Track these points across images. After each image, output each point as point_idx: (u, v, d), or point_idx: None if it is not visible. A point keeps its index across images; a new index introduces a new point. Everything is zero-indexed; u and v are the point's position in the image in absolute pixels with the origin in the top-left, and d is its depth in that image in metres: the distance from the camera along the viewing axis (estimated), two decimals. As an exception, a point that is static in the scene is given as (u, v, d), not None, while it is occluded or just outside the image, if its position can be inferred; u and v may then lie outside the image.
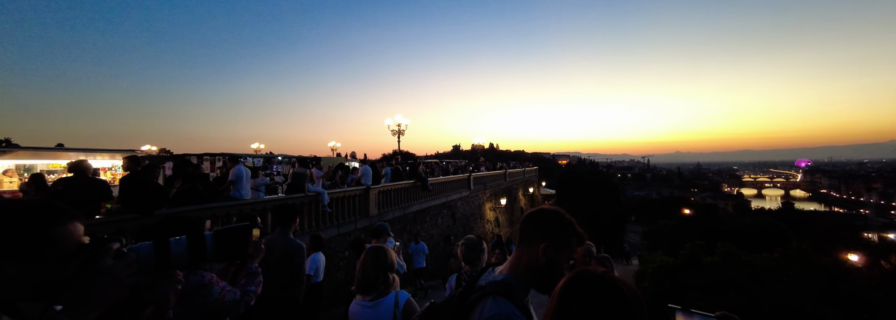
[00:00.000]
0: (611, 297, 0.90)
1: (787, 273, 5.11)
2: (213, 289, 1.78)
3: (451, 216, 14.48)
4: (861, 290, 4.44)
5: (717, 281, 5.38)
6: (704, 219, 22.55)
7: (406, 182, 10.97)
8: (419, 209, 11.75)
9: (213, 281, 1.81)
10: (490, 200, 20.12)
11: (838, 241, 26.85)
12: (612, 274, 0.97)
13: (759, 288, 4.75)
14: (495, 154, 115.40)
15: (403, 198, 10.78)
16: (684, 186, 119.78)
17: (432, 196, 12.66)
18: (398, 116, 15.06)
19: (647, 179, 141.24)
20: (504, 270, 1.26)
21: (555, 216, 1.23)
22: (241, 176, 5.69)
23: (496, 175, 22.32)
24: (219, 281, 1.85)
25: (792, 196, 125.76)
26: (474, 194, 17.52)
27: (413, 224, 11.40)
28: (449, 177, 14.92)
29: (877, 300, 4.21)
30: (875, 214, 72.09)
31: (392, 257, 2.22)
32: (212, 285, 1.79)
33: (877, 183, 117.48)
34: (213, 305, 1.77)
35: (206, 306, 1.76)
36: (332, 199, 7.65)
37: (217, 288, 1.80)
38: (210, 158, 9.28)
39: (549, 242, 1.17)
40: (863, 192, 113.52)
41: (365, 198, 8.77)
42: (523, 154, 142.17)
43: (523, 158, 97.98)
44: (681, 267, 6.43)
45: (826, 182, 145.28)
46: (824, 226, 33.34)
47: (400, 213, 10.50)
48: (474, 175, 17.31)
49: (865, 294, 4.36)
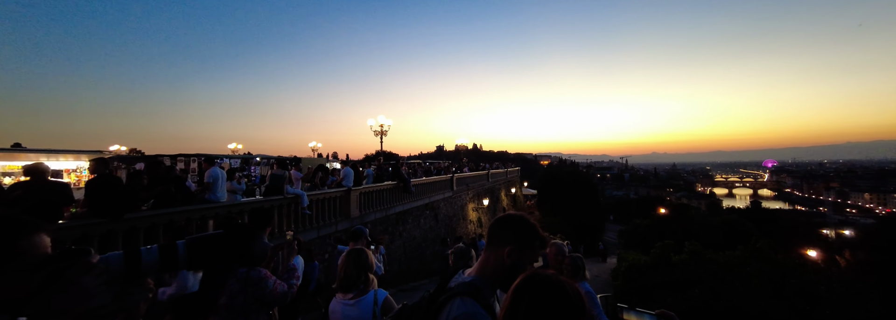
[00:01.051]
0: (555, 296, 1.00)
1: (745, 269, 5.45)
2: (268, 282, 2.25)
3: (433, 217, 14.54)
4: (807, 284, 4.81)
5: (684, 278, 5.67)
6: (678, 218, 23.42)
7: (388, 183, 10.96)
8: (402, 210, 11.76)
9: (268, 275, 2.28)
10: (473, 201, 20.29)
11: (799, 238, 28.37)
12: (559, 276, 1.07)
13: (720, 285, 5.05)
14: (479, 154, 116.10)
15: (386, 200, 10.77)
16: (661, 186, 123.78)
17: (415, 197, 12.68)
18: (381, 117, 15.02)
19: (626, 179, 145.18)
20: (472, 272, 1.36)
21: (519, 221, 1.32)
22: (216, 178, 5.58)
23: (479, 176, 22.52)
24: (270, 275, 2.31)
25: (760, 195, 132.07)
26: (457, 195, 17.63)
27: (395, 225, 11.40)
28: (432, 178, 14.97)
29: (820, 293, 4.57)
30: (832, 212, 76.78)
31: (371, 259, 2.41)
32: (267, 278, 2.26)
33: (834, 182, 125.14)
34: (268, 296, 2.23)
35: (264, 296, 2.22)
36: (312, 201, 7.58)
37: (271, 281, 2.27)
38: (184, 159, 9.02)
39: (513, 245, 1.26)
40: (822, 191, 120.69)
41: (346, 199, 8.72)
42: (506, 154, 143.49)
43: (506, 159, 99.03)
44: (651, 265, 6.73)
45: (790, 181, 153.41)
46: (787, 224, 35.19)
47: (382, 215, 10.49)
48: (457, 176, 17.43)
49: (810, 288, 4.73)
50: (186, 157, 9.15)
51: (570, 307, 0.99)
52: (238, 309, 2.15)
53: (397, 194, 11.44)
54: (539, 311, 0.99)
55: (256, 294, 2.20)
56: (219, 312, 2.10)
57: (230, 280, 2.16)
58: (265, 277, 2.25)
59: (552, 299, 1.00)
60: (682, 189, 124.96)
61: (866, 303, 4.36)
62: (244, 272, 2.22)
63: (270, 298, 2.25)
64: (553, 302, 0.99)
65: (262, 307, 2.24)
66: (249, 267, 2.22)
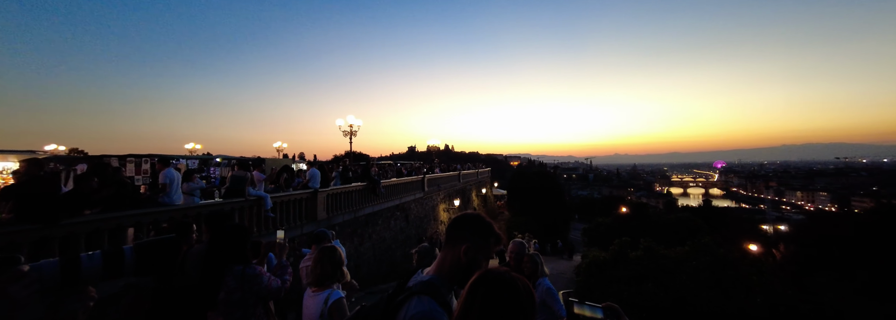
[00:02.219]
0: (507, 291, 1.08)
1: (692, 264, 5.93)
2: (263, 278, 2.44)
3: (404, 218, 14.48)
4: (743, 275, 5.33)
5: (639, 273, 6.05)
6: (637, 216, 24.75)
7: (357, 184, 10.80)
8: (371, 212, 11.63)
9: (262, 272, 2.48)
10: (444, 201, 20.39)
11: (743, 233, 30.83)
12: (511, 273, 1.15)
13: (670, 278, 5.45)
14: (450, 155, 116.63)
15: (355, 201, 10.62)
16: (622, 186, 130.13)
17: (385, 198, 12.58)
18: (350, 117, 14.77)
19: (590, 180, 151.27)
20: (430, 271, 1.40)
21: (475, 220, 1.38)
22: (172, 179, 5.27)
23: (450, 176, 22.67)
24: (265, 272, 2.51)
25: (711, 194, 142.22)
26: (428, 196, 17.65)
27: (364, 227, 11.25)
28: (403, 179, 14.91)
29: (753, 282, 5.08)
30: (771, 209, 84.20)
31: (342, 255, 2.68)
32: (262, 275, 2.45)
33: (773, 182, 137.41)
34: (264, 291, 2.42)
35: (260, 291, 2.41)
36: (277, 203, 7.34)
37: (265, 277, 2.46)
38: (135, 160, 8.42)
39: (469, 243, 1.32)
40: (763, 190, 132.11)
41: (313, 201, 8.52)
42: (477, 155, 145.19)
43: (477, 160, 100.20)
44: (610, 261, 7.12)
45: (736, 181, 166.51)
46: (733, 221, 38.08)
47: (351, 217, 10.33)
48: (428, 177, 17.46)
49: (746, 278, 5.24)
50: (137, 158, 8.54)
51: (520, 300, 1.07)
52: (236, 303, 2.37)
53: (367, 195, 11.31)
54: (492, 305, 1.07)
55: (253, 289, 2.38)
56: (218, 307, 2.33)
57: (228, 277, 2.36)
58: (260, 274, 2.44)
59: (504, 294, 1.07)
60: (642, 189, 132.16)
61: (788, 290, 4.90)
62: (240, 269, 2.41)
63: (266, 293, 2.44)
64: (505, 296, 1.07)
65: (258, 301, 2.45)
66: (245, 264, 2.44)
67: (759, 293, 4.79)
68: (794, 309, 3.97)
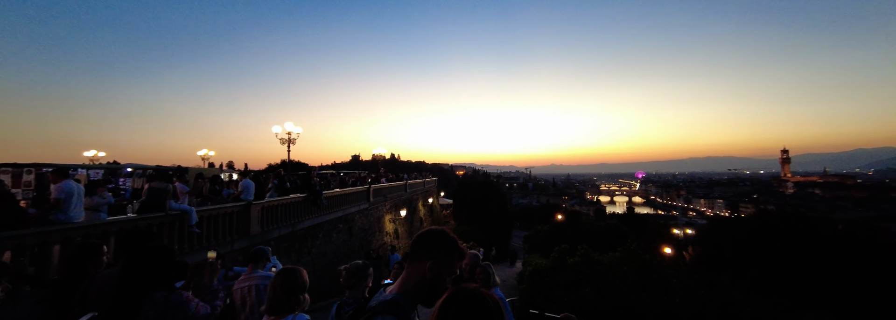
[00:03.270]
0: (478, 310, 1.10)
1: (622, 269, 6.52)
2: (190, 305, 2.17)
3: (347, 230, 13.88)
4: (664, 278, 6.01)
5: (577, 279, 6.48)
6: (572, 223, 26.56)
7: (296, 196, 10.15)
8: (311, 225, 10.97)
9: (190, 298, 2.21)
10: (390, 212, 19.95)
11: (660, 238, 34.73)
12: (481, 290, 1.17)
13: (604, 283, 5.92)
14: (397, 165, 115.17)
15: (293, 214, 9.94)
16: (558, 194, 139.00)
17: (327, 210, 11.97)
18: (288, 124, 13.94)
19: (530, 189, 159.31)
20: (393, 289, 1.37)
21: (440, 236, 1.38)
22: (70, 193, 4.47)
23: (397, 186, 22.33)
24: (192, 298, 2.23)
25: (633, 202, 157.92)
26: (374, 206, 17.16)
27: (303, 241, 10.56)
28: (346, 190, 14.34)
29: (672, 284, 5.76)
30: (681, 215, 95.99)
31: (304, 277, 2.30)
32: (188, 301, 2.17)
33: (682, 190, 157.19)
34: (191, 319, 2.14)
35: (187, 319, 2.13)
36: (203, 218, 6.60)
37: (193, 304, 2.19)
38: (13, 170, 7.01)
39: (434, 260, 1.31)
40: (675, 198, 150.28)
41: (245, 215, 7.81)
42: (424, 165, 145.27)
43: (424, 169, 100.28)
44: (550, 268, 7.53)
45: (654, 190, 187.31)
46: (651, 227, 42.64)
47: (288, 230, 9.63)
48: (374, 186, 17.01)
49: (666, 280, 5.92)
50: (17, 168, 7.11)
51: (491, 317, 1.10)
52: None
53: (307, 207, 10.67)
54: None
55: (178, 317, 2.08)
56: None
57: (146, 306, 2.03)
58: (186, 301, 2.16)
59: (476, 311, 1.10)
60: (576, 197, 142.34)
61: (700, 289, 5.62)
62: (162, 296, 2.09)
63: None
64: (477, 314, 1.10)
65: None
66: (168, 290, 2.13)
67: (678, 293, 5.43)
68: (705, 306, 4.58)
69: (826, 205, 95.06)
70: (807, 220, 17.65)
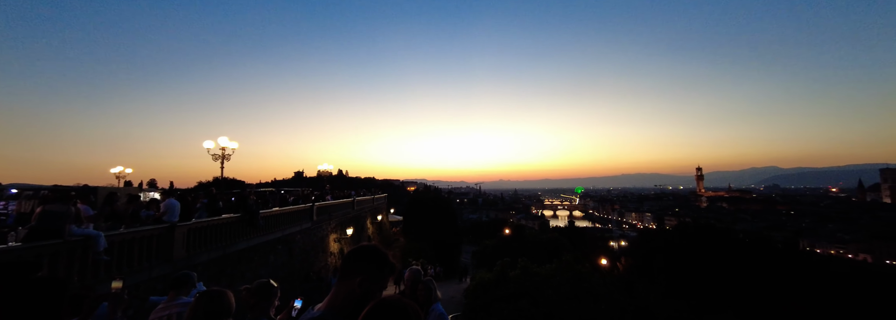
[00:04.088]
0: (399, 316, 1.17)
1: (557, 279, 6.98)
2: None
3: (287, 252, 13.04)
4: (593, 286, 6.56)
5: (516, 291, 6.78)
6: (517, 237, 27.51)
7: (230, 216, 9.43)
8: (246, 247, 10.19)
9: None
10: (335, 231, 19.13)
11: (598, 249, 37.14)
12: (403, 300, 1.27)
13: (540, 294, 6.28)
14: (345, 181, 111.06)
15: (225, 236, 9.19)
16: (506, 209, 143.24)
17: (265, 230, 11.22)
18: (223, 139, 13.03)
19: (479, 204, 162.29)
20: (321, 307, 1.39)
21: (370, 252, 1.42)
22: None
23: (343, 203, 21.57)
24: None
25: (574, 216, 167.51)
26: (317, 225, 16.37)
27: (236, 265, 9.75)
28: (287, 208, 13.58)
29: (600, 292, 6.31)
30: (615, 227, 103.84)
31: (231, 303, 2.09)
32: None
33: (616, 205, 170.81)
34: None
35: None
36: (115, 243, 5.89)
37: None
38: None
39: (364, 275, 1.33)
40: (610, 212, 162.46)
41: (168, 238, 7.09)
42: (374, 181, 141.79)
43: (373, 185, 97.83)
44: (493, 282, 7.77)
45: (592, 204, 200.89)
46: (589, 239, 45.51)
47: (219, 254, 8.86)
48: (318, 204, 16.30)
49: (595, 288, 6.46)
50: None
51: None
52: None
53: (242, 228, 9.93)
54: None
55: None
56: None
57: None
58: None
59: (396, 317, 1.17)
60: (522, 211, 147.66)
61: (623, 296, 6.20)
62: None
63: None
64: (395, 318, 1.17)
65: None
66: None
67: (604, 300, 5.93)
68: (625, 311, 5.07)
69: (731, 216, 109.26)
70: (716, 231, 20.15)
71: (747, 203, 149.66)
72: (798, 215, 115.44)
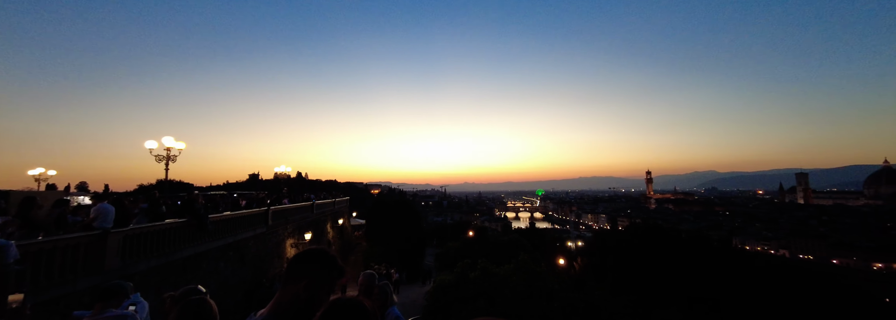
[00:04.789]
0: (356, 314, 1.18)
1: (513, 279, 7.21)
2: None
3: (239, 259, 12.31)
4: (547, 285, 6.85)
5: (476, 292, 6.90)
6: (480, 239, 27.90)
7: (174, 221, 8.76)
8: (194, 254, 9.51)
9: None
10: (292, 236, 18.34)
11: (556, 250, 38.64)
12: (359, 298, 1.26)
13: (498, 294, 6.45)
14: (304, 184, 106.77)
15: (169, 242, 8.52)
16: (471, 211, 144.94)
17: (215, 236, 10.53)
18: (168, 139, 12.08)
19: (445, 207, 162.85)
20: (264, 313, 1.35)
21: (318, 255, 1.37)
22: None
23: (302, 207, 20.74)
24: None
25: (535, 217, 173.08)
26: (273, 230, 15.61)
27: (182, 273, 9.06)
28: (239, 212, 12.84)
29: (553, 291, 6.60)
30: (573, 228, 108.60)
31: (215, 310, 1.94)
32: None
33: (574, 206, 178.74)
34: None
35: None
36: (31, 253, 5.27)
37: None
38: None
39: (310, 279, 1.30)
40: (568, 213, 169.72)
41: (99, 246, 6.45)
42: (335, 184, 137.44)
43: (335, 188, 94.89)
44: (453, 283, 7.86)
45: (552, 206, 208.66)
46: (548, 240, 47.17)
47: (161, 262, 8.19)
48: (274, 208, 15.56)
49: (549, 287, 6.76)
50: None
51: None
52: None
53: (188, 234, 9.26)
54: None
55: None
56: None
57: None
58: None
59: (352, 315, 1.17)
60: (486, 213, 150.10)
61: (575, 294, 6.53)
62: None
63: None
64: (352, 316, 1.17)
65: None
66: None
67: (556, 298, 6.21)
68: (576, 308, 5.35)
69: (676, 217, 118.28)
70: (663, 231, 21.71)
71: (690, 205, 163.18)
72: (732, 215, 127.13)
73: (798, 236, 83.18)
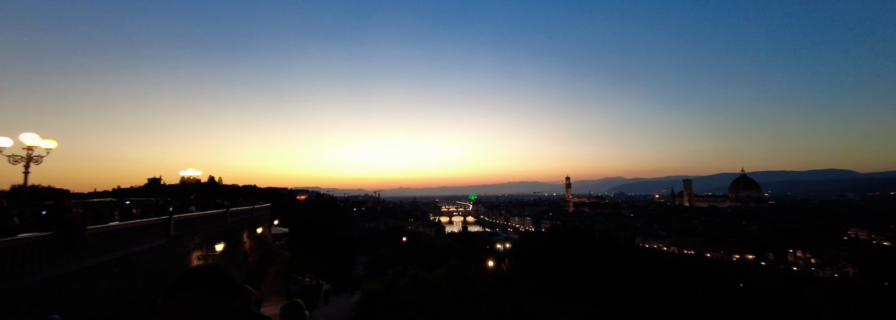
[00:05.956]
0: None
1: (444, 285, 7.25)
2: None
3: (129, 276, 10.45)
4: (475, 288, 7.04)
5: (406, 299, 6.78)
6: (413, 245, 27.74)
7: (31, 235, 7.11)
8: (60, 274, 7.80)
9: None
10: (201, 247, 16.21)
11: (486, 252, 40.07)
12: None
13: (428, 301, 6.42)
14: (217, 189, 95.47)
15: (21, 261, 6.87)
16: (405, 217, 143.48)
17: (94, 251, 8.79)
18: (28, 135, 9.79)
19: (378, 212, 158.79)
20: None
21: (202, 276, 1.17)
22: None
23: (213, 215, 18.48)
24: None
25: (468, 221, 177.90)
26: (177, 242, 13.63)
27: (41, 299, 7.36)
28: (131, 223, 10.95)
29: (482, 293, 6.81)
30: (502, 231, 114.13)
31: None
32: None
33: (503, 210, 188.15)
34: None
35: None
36: None
37: None
38: None
39: (194, 304, 1.09)
40: (498, 216, 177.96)
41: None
42: (255, 189, 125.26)
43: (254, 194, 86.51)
44: (383, 292, 7.62)
45: (484, 210, 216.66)
46: (480, 243, 48.75)
47: (8, 287, 6.56)
48: (177, 217, 13.60)
49: (478, 290, 6.95)
50: None
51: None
52: None
53: (52, 250, 7.59)
54: None
55: None
56: None
57: None
58: None
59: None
60: (420, 219, 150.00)
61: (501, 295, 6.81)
62: None
63: None
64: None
65: None
66: None
67: (484, 302, 6.39)
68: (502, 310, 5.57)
69: (590, 219, 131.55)
70: (579, 232, 23.83)
71: (602, 207, 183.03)
72: (636, 217, 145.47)
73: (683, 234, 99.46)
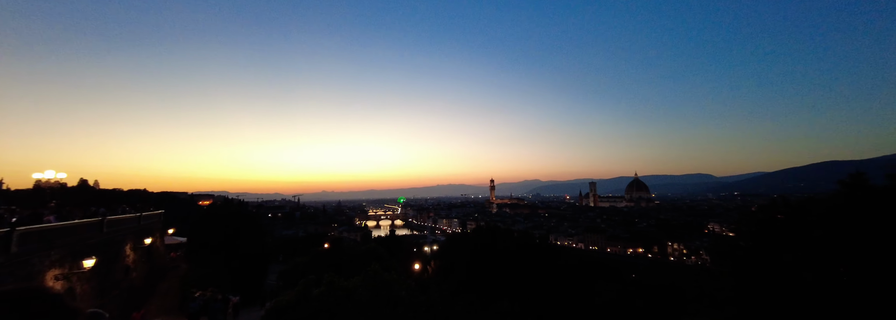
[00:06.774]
0: None
1: (360, 291, 7.04)
2: None
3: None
4: (393, 292, 6.99)
5: (319, 309, 6.39)
6: (336, 251, 26.37)
7: None
8: None
9: None
10: (60, 265, 13.19)
11: (413, 255, 39.99)
12: None
13: (342, 309, 6.14)
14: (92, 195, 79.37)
15: None
16: (328, 222, 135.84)
17: None
18: None
19: (297, 218, 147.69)
20: None
21: None
22: None
23: (82, 225, 15.26)
24: None
25: (396, 224, 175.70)
26: (21, 260, 10.90)
27: None
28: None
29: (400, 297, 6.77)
30: (429, 233, 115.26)
31: None
32: None
33: (431, 212, 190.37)
34: None
35: None
36: None
37: None
38: None
39: None
40: (426, 219, 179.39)
41: None
42: (145, 194, 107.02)
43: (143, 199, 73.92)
44: (293, 303, 7.08)
45: (412, 213, 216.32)
46: (407, 246, 48.49)
47: None
48: (22, 229, 10.91)
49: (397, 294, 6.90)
50: None
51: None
52: None
53: None
54: None
55: None
56: None
57: None
58: None
59: None
60: (345, 223, 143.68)
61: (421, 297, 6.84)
62: None
63: None
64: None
65: None
66: None
67: (402, 305, 6.35)
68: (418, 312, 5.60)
69: (511, 219, 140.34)
70: (501, 232, 25.05)
71: (521, 208, 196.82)
72: (550, 217, 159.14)
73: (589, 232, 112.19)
